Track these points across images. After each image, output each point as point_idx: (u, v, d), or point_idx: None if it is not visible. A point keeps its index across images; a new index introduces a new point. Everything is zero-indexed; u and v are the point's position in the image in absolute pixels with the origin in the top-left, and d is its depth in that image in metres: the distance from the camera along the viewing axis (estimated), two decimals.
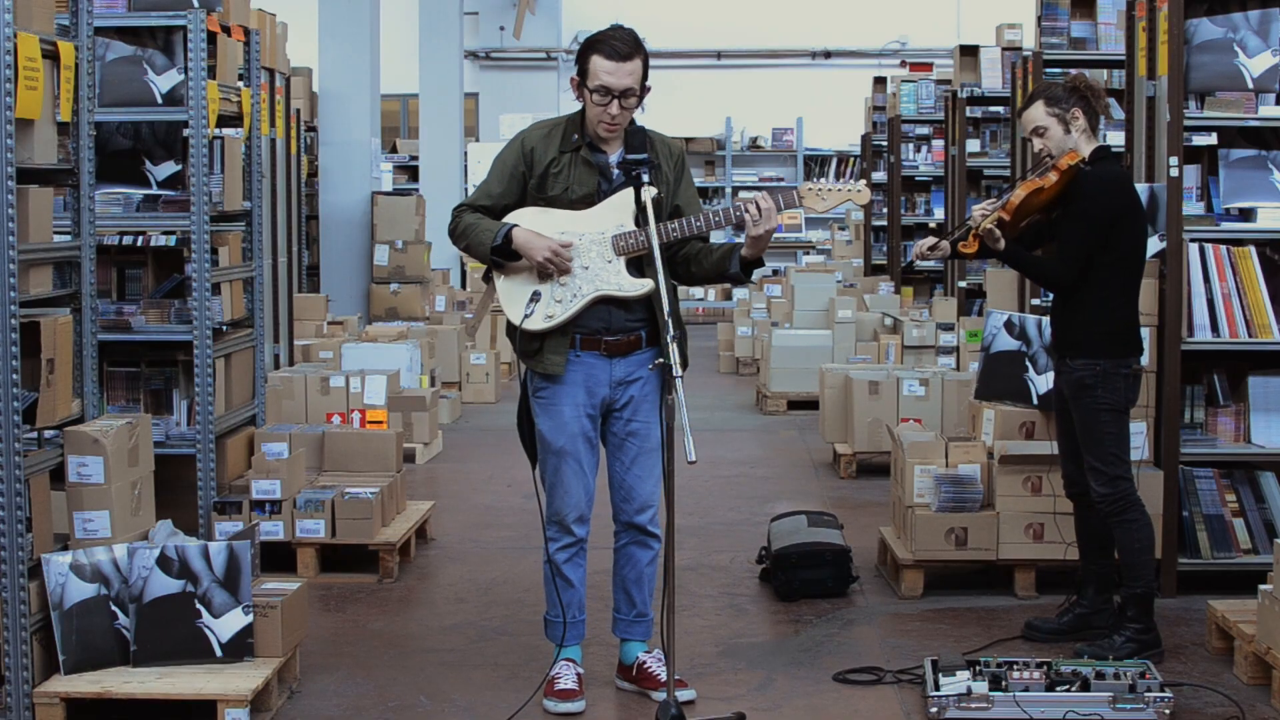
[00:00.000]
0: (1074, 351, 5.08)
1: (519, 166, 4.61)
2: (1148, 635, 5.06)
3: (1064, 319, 5.14)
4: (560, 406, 4.61)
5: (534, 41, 19.80)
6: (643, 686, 4.76)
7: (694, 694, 4.69)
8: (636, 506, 4.70)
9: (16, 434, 4.23)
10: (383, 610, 5.80)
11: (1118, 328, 5.07)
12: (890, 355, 10.67)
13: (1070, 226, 5.07)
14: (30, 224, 4.40)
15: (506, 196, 4.62)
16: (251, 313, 6.40)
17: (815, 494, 8.03)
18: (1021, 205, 5.06)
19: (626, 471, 4.69)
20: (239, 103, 6.27)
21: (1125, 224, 5.05)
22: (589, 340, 4.59)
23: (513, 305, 4.58)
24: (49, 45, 4.53)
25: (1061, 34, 9.06)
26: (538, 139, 4.62)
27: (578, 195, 4.57)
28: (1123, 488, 5.05)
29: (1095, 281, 5.03)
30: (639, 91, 4.51)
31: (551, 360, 4.57)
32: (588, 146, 4.58)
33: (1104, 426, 5.04)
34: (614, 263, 4.53)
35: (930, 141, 14.41)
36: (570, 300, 4.53)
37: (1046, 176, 5.06)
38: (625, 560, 4.79)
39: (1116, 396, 5.05)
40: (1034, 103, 5.14)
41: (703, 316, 18.83)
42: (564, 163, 4.58)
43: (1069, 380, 5.11)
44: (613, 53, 4.46)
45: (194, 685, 4.41)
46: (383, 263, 13.00)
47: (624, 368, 4.62)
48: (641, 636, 4.83)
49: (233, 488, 6.20)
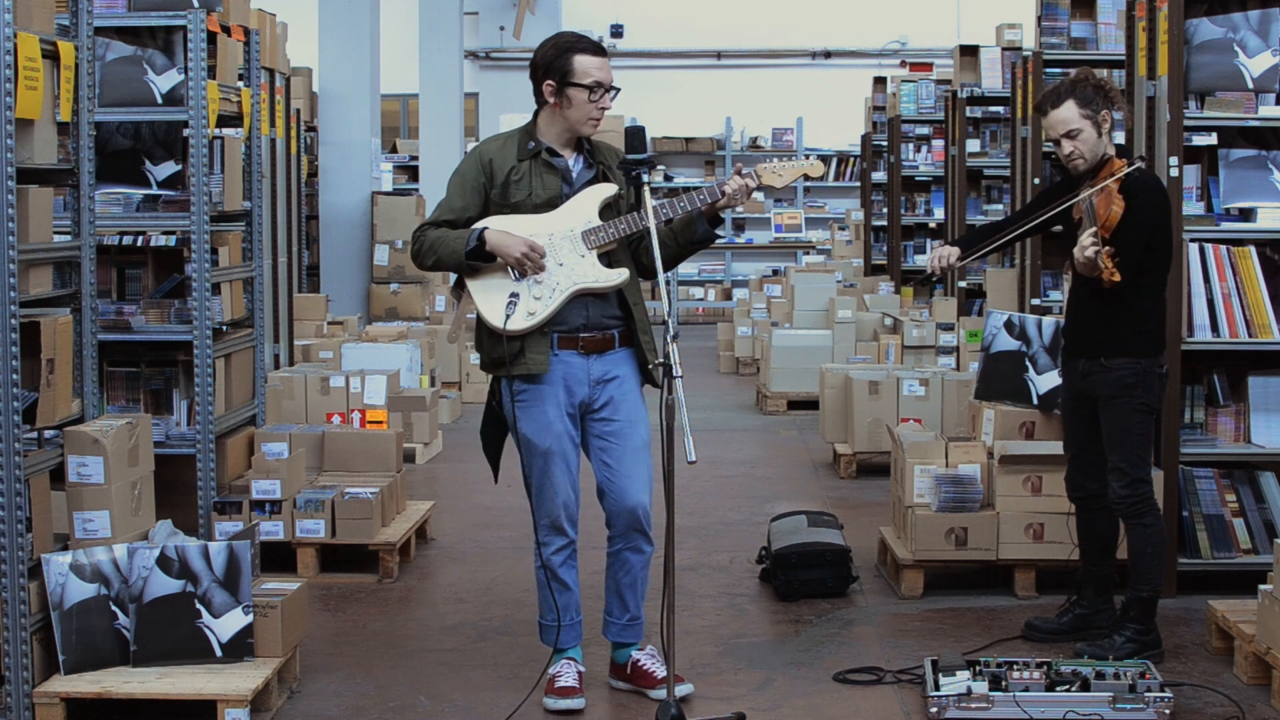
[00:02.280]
0: (1114, 351, 5.02)
1: (479, 178, 4.65)
2: (1148, 636, 5.06)
3: (1101, 320, 5.05)
4: (544, 407, 4.62)
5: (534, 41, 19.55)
6: (639, 685, 4.75)
7: (690, 688, 4.69)
8: (629, 507, 4.68)
9: (16, 434, 4.23)
10: (383, 610, 5.81)
11: (1155, 327, 5.07)
12: (890, 355, 10.67)
13: (1129, 231, 4.94)
14: (30, 224, 4.40)
15: (469, 210, 4.66)
16: (251, 313, 6.40)
17: (815, 494, 8.03)
18: (1109, 219, 4.93)
19: (614, 474, 4.68)
20: (239, 103, 6.28)
21: (1167, 226, 5.06)
22: (567, 339, 4.62)
23: (491, 309, 4.59)
24: (49, 45, 4.53)
25: (1061, 34, 9.06)
26: (494, 150, 4.69)
27: (541, 199, 4.63)
28: (1142, 490, 5.03)
29: (1139, 282, 4.99)
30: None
31: (534, 360, 4.59)
32: (546, 151, 4.65)
33: (1137, 427, 5.01)
34: (587, 257, 4.59)
35: (930, 141, 14.41)
36: (550, 296, 4.57)
37: (1109, 188, 4.93)
38: (620, 565, 4.77)
39: (1153, 396, 5.04)
40: (1064, 102, 4.99)
41: (703, 316, 18.83)
42: (524, 170, 4.64)
43: (1105, 380, 5.03)
44: (595, 49, 4.62)
45: (194, 685, 4.41)
46: (383, 263, 13.00)
47: (601, 366, 4.65)
48: (634, 640, 4.83)
49: (233, 488, 6.20)
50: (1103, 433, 5.09)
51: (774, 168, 4.69)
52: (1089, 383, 5.11)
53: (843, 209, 18.20)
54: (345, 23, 12.77)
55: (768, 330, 11.45)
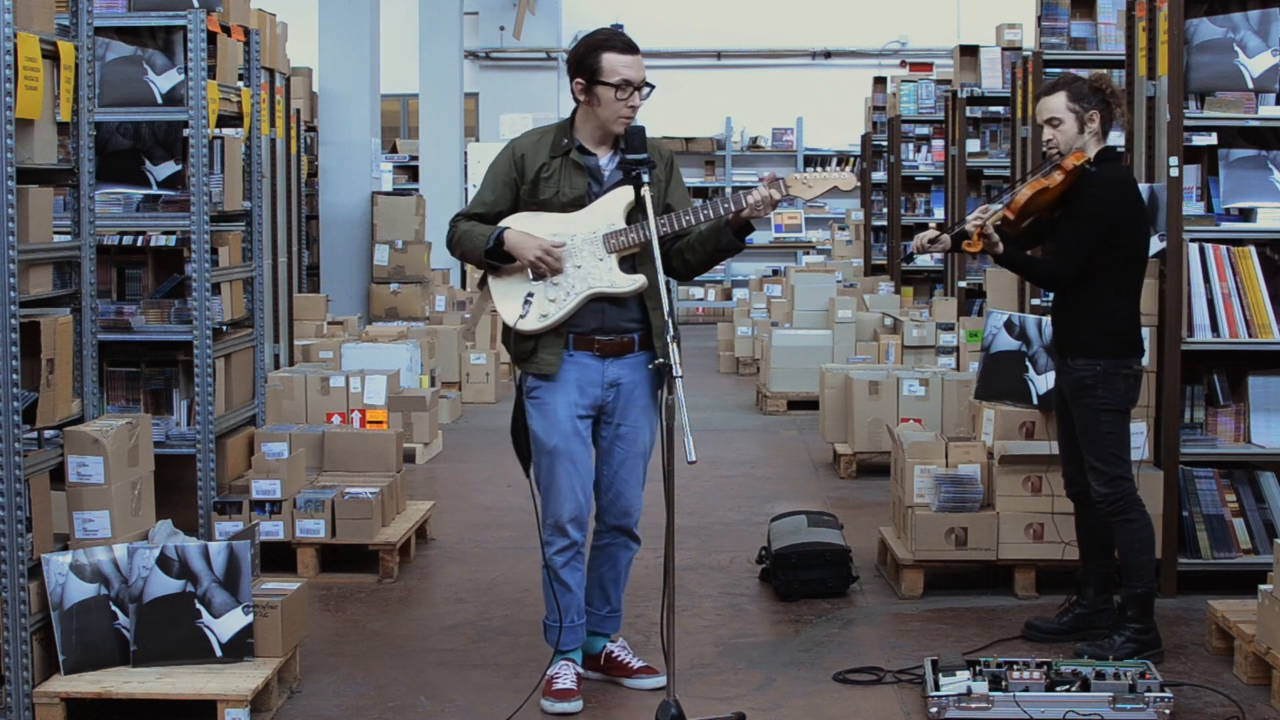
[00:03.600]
0: (1074, 351, 5.08)
1: (510, 173, 4.67)
2: (1148, 635, 5.06)
3: (1065, 319, 5.14)
4: (554, 406, 4.63)
5: (534, 41, 19.79)
6: (613, 675, 4.83)
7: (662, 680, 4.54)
8: (622, 509, 4.75)
9: (16, 434, 4.23)
10: (383, 610, 5.81)
11: (1118, 328, 5.07)
12: (890, 355, 10.67)
13: (1071, 226, 5.06)
14: (30, 224, 4.40)
15: (500, 204, 4.68)
16: (251, 313, 6.40)
17: (815, 494, 8.03)
18: (1026, 204, 5.06)
19: (614, 475, 4.73)
20: (239, 103, 6.27)
21: (1128, 225, 5.04)
22: (582, 340, 4.62)
23: (508, 306, 4.63)
24: (49, 45, 4.53)
25: (1061, 34, 9.06)
26: (528, 146, 4.70)
27: (568, 198, 4.62)
28: (1123, 488, 5.05)
29: (1096, 282, 5.03)
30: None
31: (545, 359, 4.61)
32: (578, 150, 4.64)
33: (1103, 427, 5.04)
34: (605, 260, 4.58)
35: (930, 141, 14.42)
36: (564, 299, 4.57)
37: (1051, 176, 5.04)
38: (606, 559, 4.84)
39: (1116, 397, 5.05)
40: (1056, 92, 5.08)
41: (703, 316, 18.83)
42: (554, 167, 4.64)
43: (1069, 380, 5.10)
44: (625, 47, 4.56)
45: (194, 685, 4.41)
46: (383, 263, 13.00)
47: (616, 369, 4.65)
48: (612, 630, 4.92)
49: (233, 488, 6.20)
50: (1077, 433, 5.13)
51: (804, 178, 4.61)
52: (1060, 381, 5.21)
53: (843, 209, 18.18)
54: (345, 23, 12.77)
55: (768, 330, 11.46)
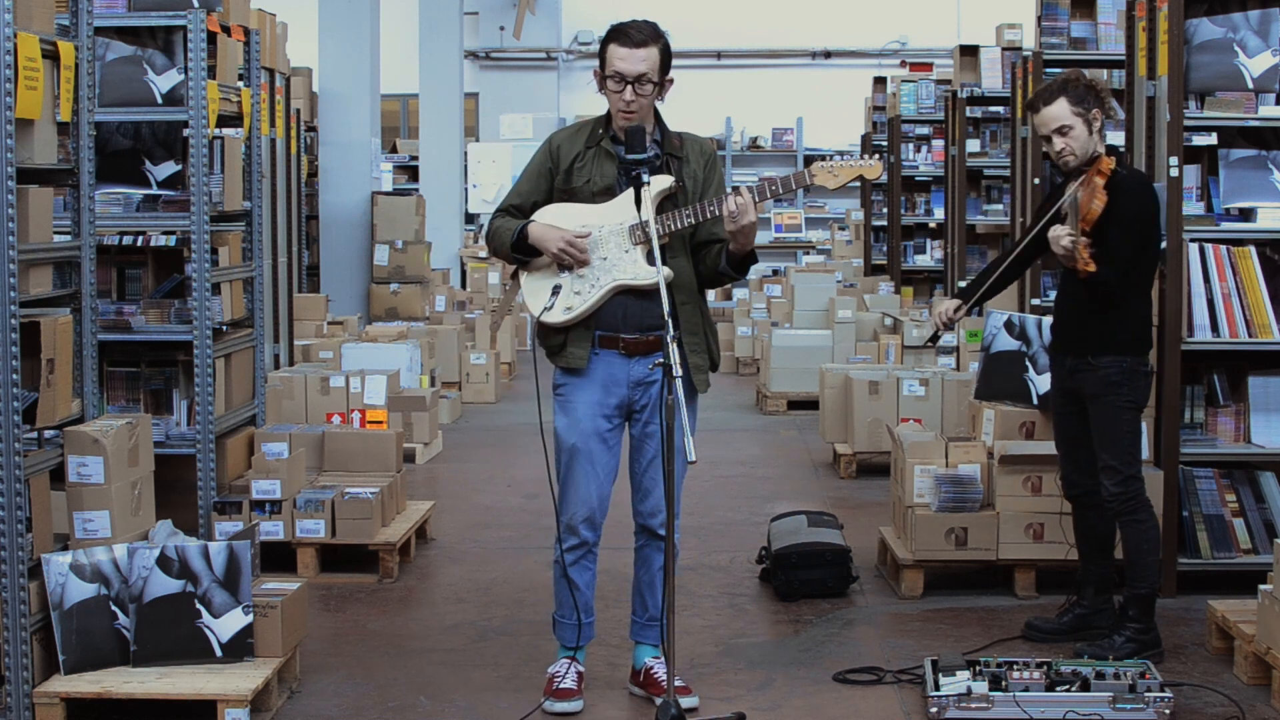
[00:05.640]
0: (1100, 349, 5.03)
1: (545, 164, 4.70)
2: (1148, 635, 5.06)
3: (1085, 318, 5.07)
4: (576, 404, 4.62)
5: (534, 41, 19.79)
6: (649, 692, 4.74)
7: (696, 700, 4.65)
8: (649, 509, 4.70)
9: (16, 434, 4.23)
10: (383, 610, 5.80)
11: (1141, 325, 5.09)
12: (890, 355, 10.66)
13: (1117, 230, 4.95)
14: (30, 224, 4.40)
15: (535, 194, 4.70)
16: (251, 313, 6.40)
17: (815, 494, 8.03)
18: (1095, 217, 4.93)
19: (643, 474, 4.70)
20: (239, 103, 6.27)
21: (1156, 224, 5.09)
22: (607, 339, 4.61)
23: (535, 299, 4.64)
24: (49, 45, 4.53)
25: (1061, 34, 9.06)
26: (565, 136, 4.73)
27: (599, 187, 4.62)
28: (1135, 487, 5.04)
29: (1127, 281, 5.00)
30: (657, 80, 4.54)
31: (574, 354, 4.61)
32: (610, 139, 4.64)
33: (1124, 425, 5.03)
34: (631, 253, 4.56)
35: (930, 141, 14.41)
36: (589, 291, 4.57)
37: (1094, 182, 4.92)
38: (640, 562, 4.79)
39: (1139, 394, 5.06)
40: (1055, 100, 5.00)
41: None
42: (588, 157, 4.65)
43: (1092, 378, 5.05)
44: (627, 39, 4.53)
45: (194, 685, 4.41)
46: (383, 263, 13.00)
47: (642, 368, 4.61)
48: (652, 641, 4.79)
49: (233, 488, 6.20)
50: (1093, 431, 5.10)
51: (829, 167, 4.59)
52: (1076, 380, 5.14)
53: (842, 209, 18.19)
54: (345, 23, 12.76)
55: (768, 330, 11.45)
